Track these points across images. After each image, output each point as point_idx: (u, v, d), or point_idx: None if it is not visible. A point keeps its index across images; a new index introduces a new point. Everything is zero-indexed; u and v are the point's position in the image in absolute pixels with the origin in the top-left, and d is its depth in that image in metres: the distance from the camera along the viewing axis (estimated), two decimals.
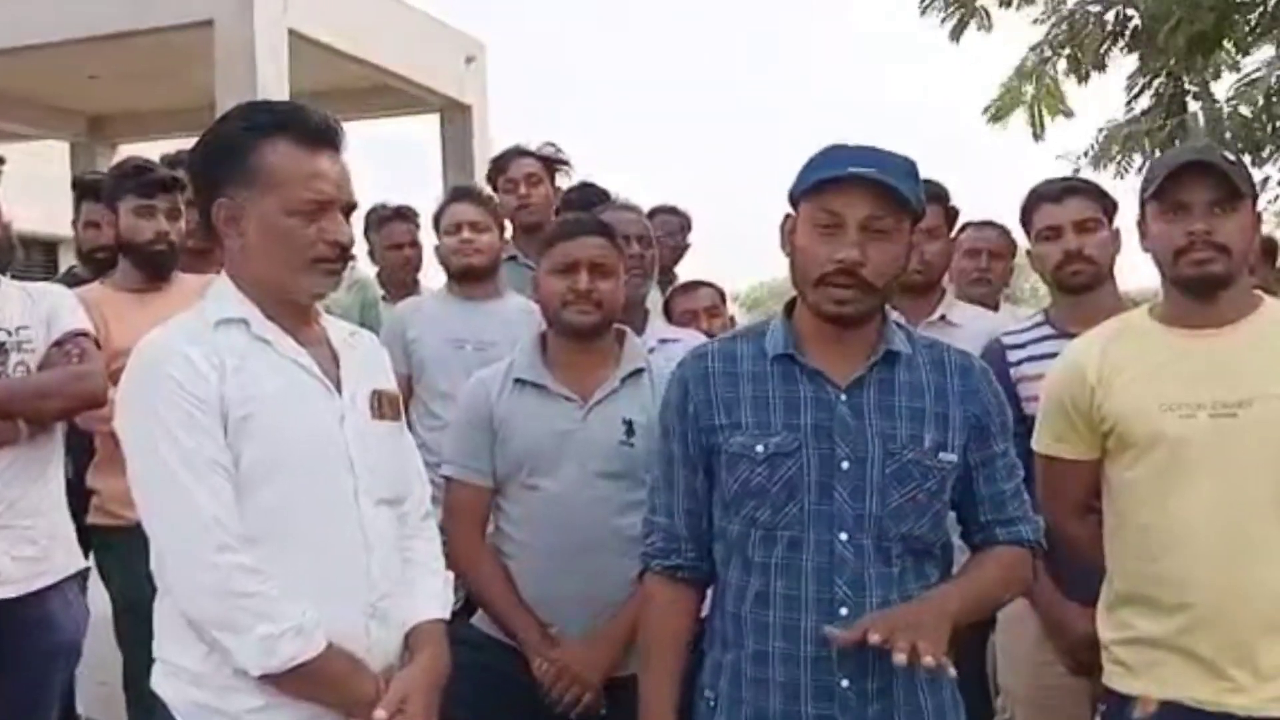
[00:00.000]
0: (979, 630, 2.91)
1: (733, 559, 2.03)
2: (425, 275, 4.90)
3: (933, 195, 2.85)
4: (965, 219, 3.89)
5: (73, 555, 2.95)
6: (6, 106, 12.24)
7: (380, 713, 1.89)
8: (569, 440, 2.57)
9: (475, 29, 13.58)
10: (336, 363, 2.03)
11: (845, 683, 1.93)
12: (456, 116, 13.01)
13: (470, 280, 3.73)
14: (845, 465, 1.95)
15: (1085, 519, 2.45)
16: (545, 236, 2.80)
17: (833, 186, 1.93)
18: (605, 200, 4.11)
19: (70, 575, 2.92)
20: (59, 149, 13.81)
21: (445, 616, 2.11)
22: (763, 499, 1.97)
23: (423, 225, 4.73)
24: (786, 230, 2.04)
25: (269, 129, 1.94)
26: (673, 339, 3.26)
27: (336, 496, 1.94)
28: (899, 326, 2.07)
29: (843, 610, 1.93)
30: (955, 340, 2.30)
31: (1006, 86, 7.34)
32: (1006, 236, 4.07)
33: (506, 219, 4.15)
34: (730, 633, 2.03)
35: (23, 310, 2.86)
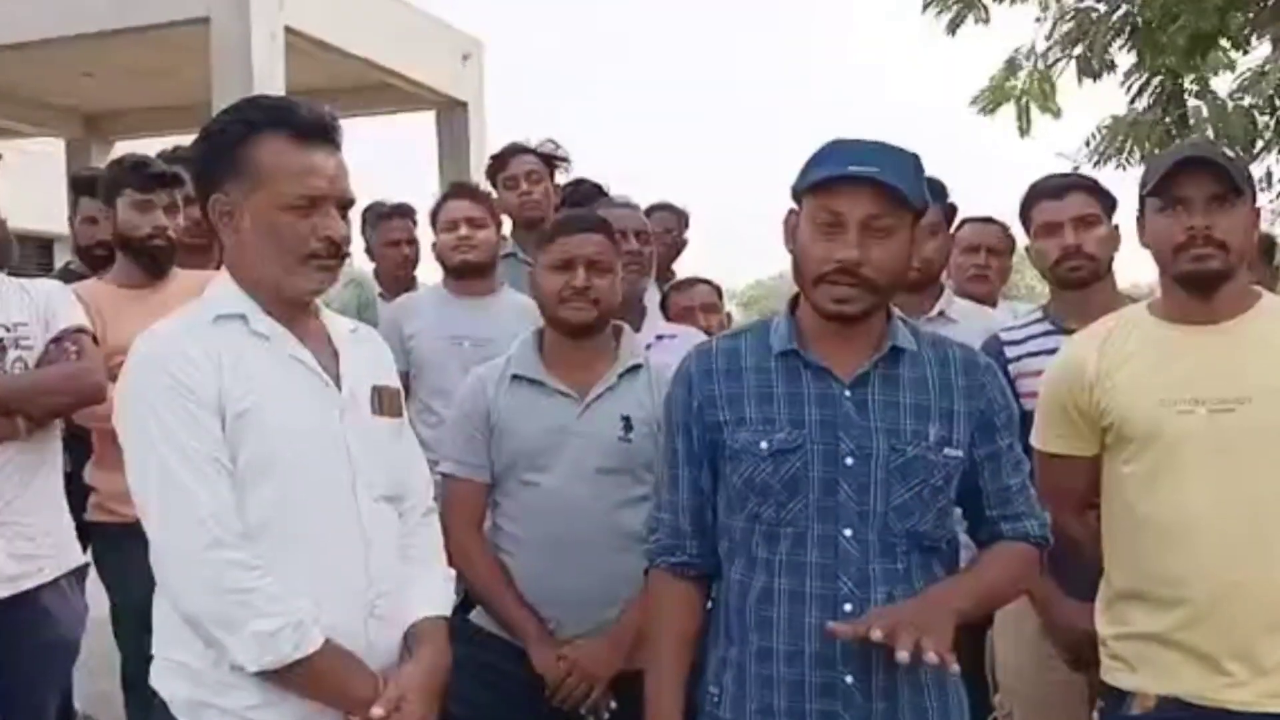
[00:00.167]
0: (977, 626, 2.91)
1: (737, 555, 2.03)
2: (421, 272, 4.89)
3: (931, 192, 2.84)
4: (964, 216, 3.90)
5: (71, 552, 2.95)
6: (2, 104, 12.22)
7: (378, 711, 1.88)
8: (567, 436, 2.57)
9: (472, 27, 13.59)
10: (337, 358, 2.02)
11: (849, 679, 1.93)
12: (453, 114, 13.00)
13: (468, 277, 3.73)
14: (850, 461, 1.95)
15: (1084, 516, 2.45)
16: (543, 233, 2.80)
17: (833, 185, 1.93)
18: (600, 196, 4.11)
19: (68, 572, 2.91)
20: (54, 146, 13.80)
21: (446, 614, 2.10)
22: (767, 495, 1.97)
23: (420, 222, 4.74)
24: (789, 227, 2.04)
25: (263, 124, 1.94)
26: (670, 335, 3.26)
27: (335, 493, 1.94)
28: (904, 322, 2.07)
29: (847, 606, 1.93)
30: (953, 337, 2.30)
31: (996, 80, 7.34)
32: (1005, 233, 4.08)
33: (507, 216, 4.16)
34: (734, 629, 2.03)
35: (20, 306, 2.86)
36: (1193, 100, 6.83)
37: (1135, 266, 3.05)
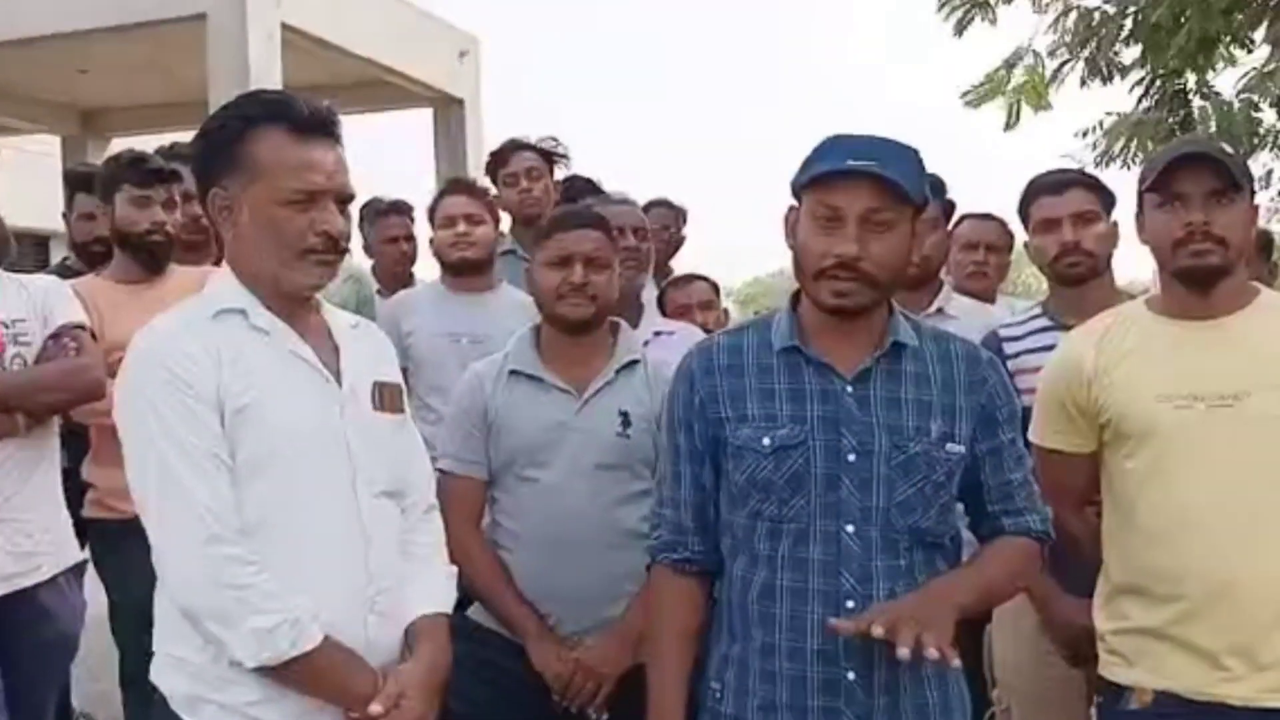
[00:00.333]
0: (975, 622, 2.91)
1: (739, 551, 2.03)
2: (419, 269, 4.89)
3: (930, 188, 2.84)
4: (962, 212, 3.90)
5: (69, 548, 2.95)
6: None
7: (376, 707, 1.88)
8: (565, 432, 2.57)
9: (468, 24, 13.59)
10: (338, 354, 2.02)
11: (851, 675, 1.93)
12: (450, 111, 13.01)
13: (466, 273, 3.73)
14: (852, 458, 1.95)
15: (1083, 512, 2.45)
16: (540, 229, 2.80)
17: (832, 180, 1.92)
18: (592, 191, 4.11)
19: (67, 569, 2.91)
20: (50, 144, 13.78)
21: (447, 611, 2.10)
22: (769, 491, 1.97)
23: (417, 219, 4.73)
24: (789, 222, 2.03)
25: (261, 119, 1.93)
26: (667, 332, 3.26)
27: (335, 489, 1.93)
28: (905, 318, 2.06)
29: (849, 603, 1.93)
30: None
31: (990, 76, 7.34)
32: (1004, 230, 4.07)
33: (507, 213, 4.15)
34: (737, 625, 2.03)
35: (19, 303, 2.86)
36: (1198, 101, 6.82)
37: (1132, 264, 3.05)
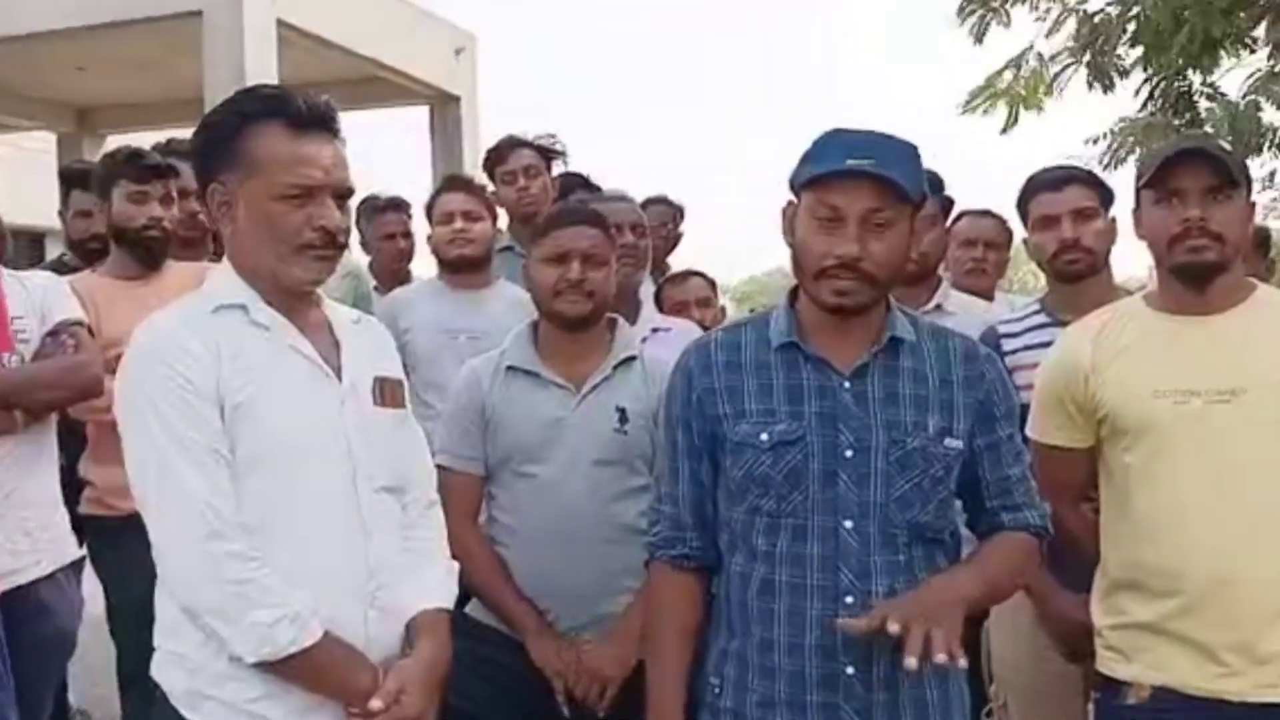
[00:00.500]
0: (973, 618, 2.91)
1: (738, 547, 2.03)
2: (416, 265, 4.89)
3: (928, 184, 2.84)
4: (961, 208, 3.90)
5: (67, 545, 2.95)
6: None
7: (375, 703, 1.88)
8: (562, 428, 2.57)
9: (465, 20, 13.58)
10: (338, 349, 2.01)
11: (850, 670, 1.93)
12: (446, 108, 13.00)
13: (463, 270, 3.72)
14: (849, 453, 1.95)
15: (1079, 507, 2.46)
16: (538, 226, 2.80)
17: (832, 180, 1.92)
18: (584, 187, 4.11)
19: (65, 565, 2.91)
20: (46, 141, 13.76)
21: (447, 606, 2.09)
22: (767, 487, 1.97)
23: (415, 216, 4.73)
24: (787, 217, 2.03)
25: (258, 114, 1.93)
26: (664, 329, 3.26)
27: (334, 484, 1.93)
28: (904, 313, 2.07)
29: (848, 598, 1.93)
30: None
31: (991, 80, 7.36)
32: (1003, 226, 4.06)
33: (505, 210, 4.15)
34: (736, 621, 2.03)
35: (17, 300, 2.85)
36: (1205, 103, 6.82)
37: (1127, 261, 3.05)
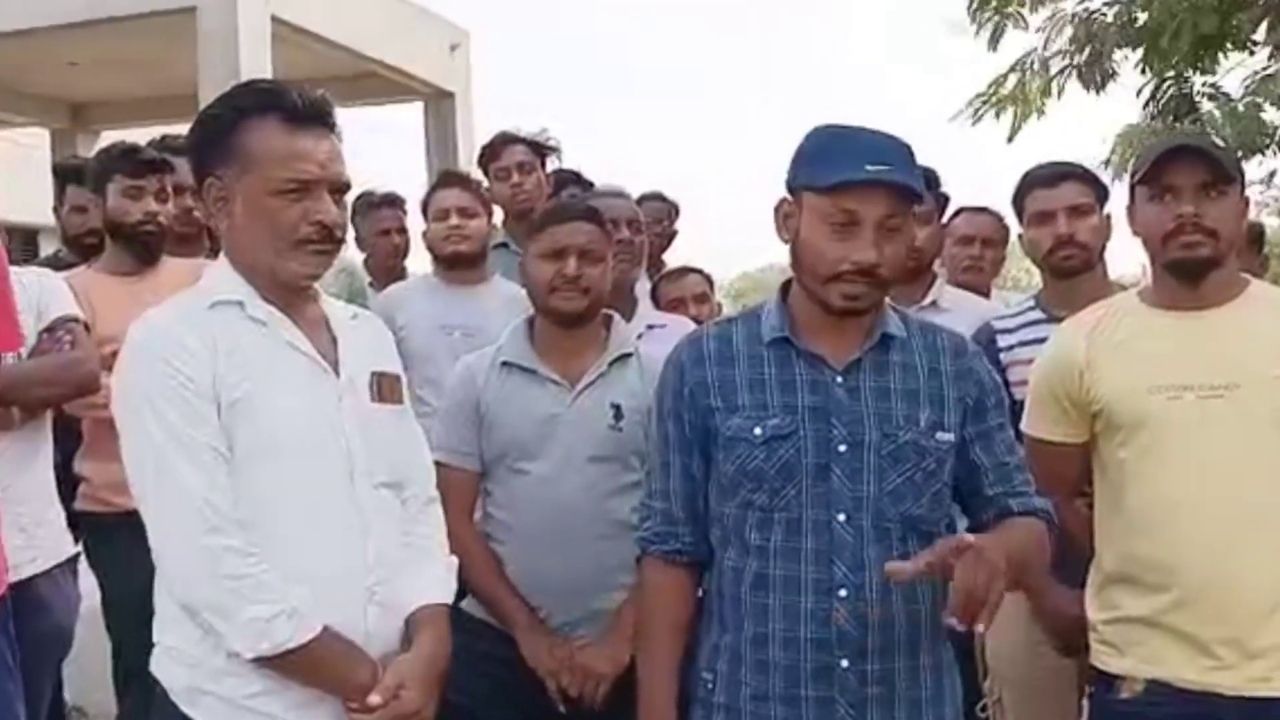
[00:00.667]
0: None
1: (730, 541, 2.03)
2: (411, 261, 4.88)
3: (924, 181, 2.85)
4: (958, 205, 3.91)
5: (63, 541, 2.95)
6: None
7: (374, 698, 1.88)
8: (557, 424, 2.57)
9: (459, 17, 13.55)
10: (335, 344, 2.01)
11: (845, 664, 1.93)
12: (441, 104, 12.99)
13: (459, 266, 3.72)
14: (842, 448, 1.96)
15: (1074, 503, 2.46)
16: (534, 222, 2.80)
17: (851, 186, 1.90)
18: (575, 182, 4.11)
19: (62, 562, 2.91)
20: (40, 136, 13.73)
21: (447, 602, 2.09)
22: (760, 482, 1.97)
23: (410, 212, 4.73)
24: (782, 215, 2.02)
25: (254, 109, 1.93)
26: (660, 325, 3.26)
27: (332, 479, 1.93)
28: (894, 310, 2.07)
29: (841, 591, 1.93)
30: (946, 326, 2.30)
31: (995, 85, 7.37)
32: (1000, 223, 4.05)
33: (499, 207, 4.15)
34: (728, 616, 2.03)
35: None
36: (1206, 104, 6.82)
37: (1118, 259, 3.06)
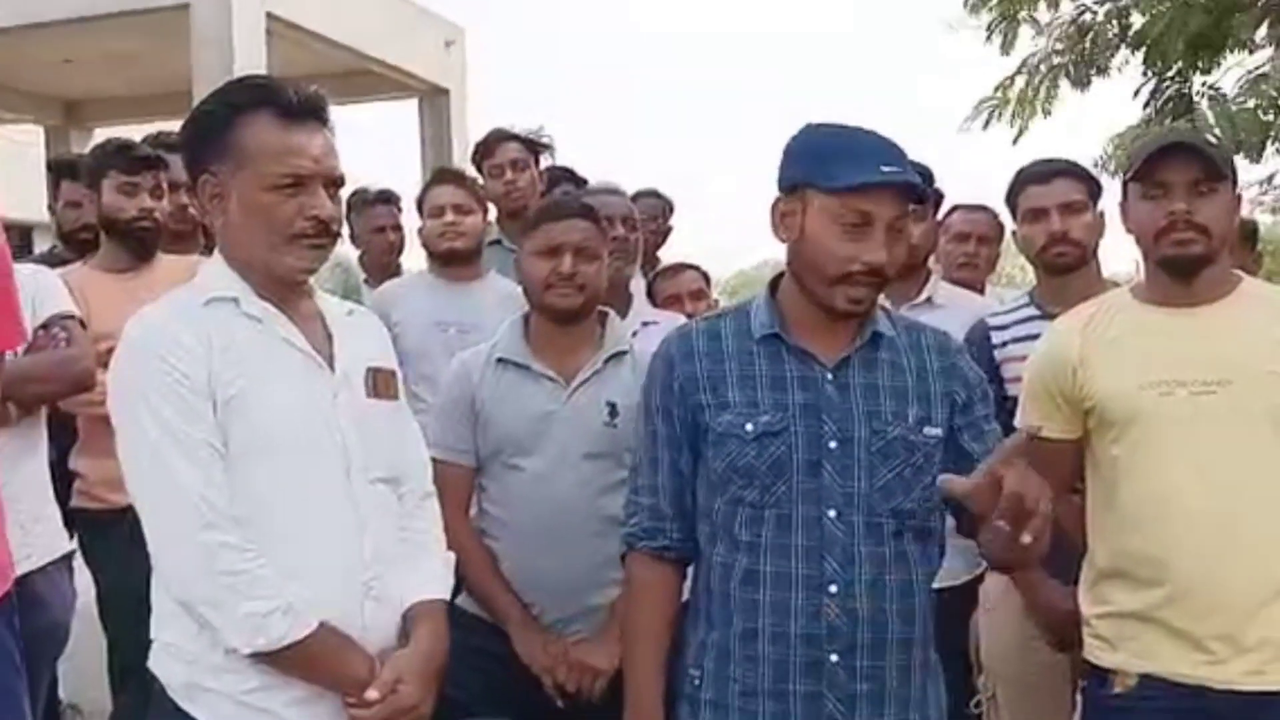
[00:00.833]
0: (961, 608, 2.93)
1: (719, 538, 2.02)
2: (406, 258, 4.88)
3: (920, 177, 2.86)
4: (953, 202, 3.92)
5: (58, 538, 2.94)
6: None
7: (372, 693, 1.88)
8: (552, 421, 2.58)
9: (454, 13, 13.56)
10: (331, 340, 2.01)
11: (835, 658, 1.93)
12: (436, 101, 12.98)
13: (454, 263, 3.72)
14: (833, 444, 1.96)
15: (1066, 499, 2.47)
16: (529, 219, 2.80)
17: (866, 188, 1.90)
18: (571, 180, 4.11)
19: (58, 558, 2.90)
20: (34, 133, 13.71)
21: (444, 596, 2.09)
22: (751, 478, 1.97)
23: (405, 209, 4.73)
24: (780, 214, 2.01)
25: (248, 104, 1.93)
26: (654, 322, 3.26)
27: (328, 475, 1.93)
28: (881, 309, 2.07)
29: (832, 587, 1.93)
30: (940, 322, 2.32)
31: (1002, 87, 7.37)
32: (995, 221, 4.06)
33: (493, 203, 4.15)
34: (716, 612, 2.02)
35: None
36: (1204, 104, 6.83)
37: (1109, 258, 3.06)
